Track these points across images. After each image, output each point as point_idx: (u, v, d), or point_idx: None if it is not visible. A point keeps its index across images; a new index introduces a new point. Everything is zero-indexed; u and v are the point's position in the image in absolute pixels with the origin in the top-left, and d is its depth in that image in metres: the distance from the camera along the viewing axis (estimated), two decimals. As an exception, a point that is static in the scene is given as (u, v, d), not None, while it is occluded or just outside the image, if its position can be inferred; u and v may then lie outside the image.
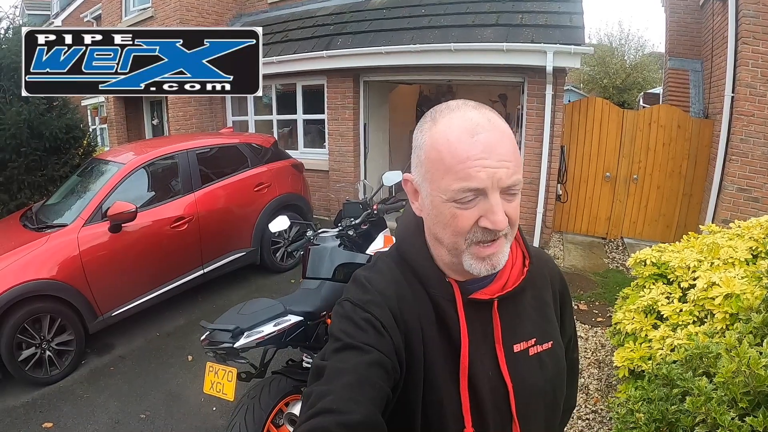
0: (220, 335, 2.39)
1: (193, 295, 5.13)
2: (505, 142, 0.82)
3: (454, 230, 0.84)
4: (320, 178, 8.34)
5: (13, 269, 3.68)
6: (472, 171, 0.79)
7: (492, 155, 0.79)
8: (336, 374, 0.79)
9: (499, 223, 0.81)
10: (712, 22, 7.00)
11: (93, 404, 3.58)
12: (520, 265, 0.99)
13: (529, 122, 6.45)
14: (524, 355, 0.95)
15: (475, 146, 0.79)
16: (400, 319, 0.89)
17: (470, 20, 6.85)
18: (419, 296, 0.92)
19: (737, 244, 2.93)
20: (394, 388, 0.84)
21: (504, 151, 0.80)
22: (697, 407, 1.49)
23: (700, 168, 6.54)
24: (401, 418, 0.88)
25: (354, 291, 0.94)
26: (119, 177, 4.43)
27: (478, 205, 0.81)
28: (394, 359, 0.84)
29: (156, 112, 11.11)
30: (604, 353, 4.05)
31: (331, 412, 0.74)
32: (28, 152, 6.15)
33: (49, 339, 3.82)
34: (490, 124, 0.82)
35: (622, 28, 32.51)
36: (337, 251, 2.96)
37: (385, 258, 1.01)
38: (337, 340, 0.85)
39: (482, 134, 0.80)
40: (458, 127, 0.82)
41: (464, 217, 0.82)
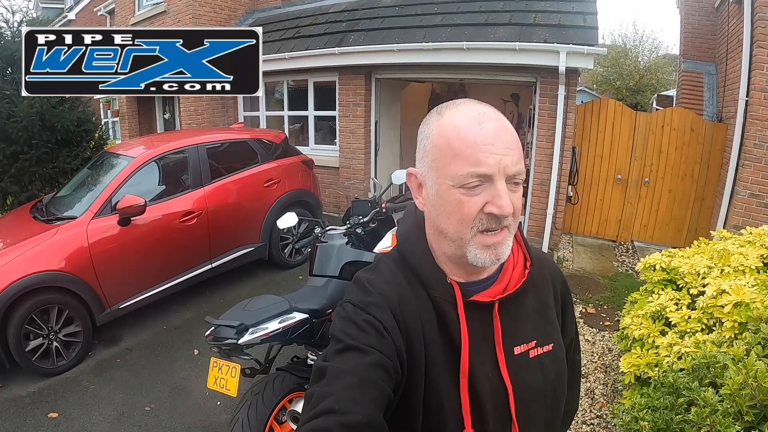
0: (225, 331, 2.39)
1: (201, 290, 5.16)
2: (510, 132, 0.85)
3: (460, 217, 0.85)
4: (330, 175, 8.34)
5: (23, 260, 3.72)
6: (480, 156, 0.81)
7: (498, 142, 0.82)
8: (337, 375, 0.80)
9: (506, 208, 0.82)
10: (727, 25, 6.91)
11: (98, 395, 3.62)
12: (522, 267, 1.00)
13: (541, 123, 6.40)
14: (524, 357, 0.95)
15: (483, 132, 0.82)
16: (401, 320, 0.89)
17: (483, 19, 6.81)
18: (420, 298, 0.93)
19: (748, 252, 2.89)
20: (395, 390, 0.85)
21: (509, 140, 0.84)
22: (703, 419, 1.47)
23: (713, 172, 6.46)
24: (402, 419, 0.88)
25: (355, 292, 0.94)
26: (129, 171, 4.46)
27: (484, 191, 0.83)
28: (395, 360, 0.85)
29: (168, 106, 11.16)
30: (611, 357, 4.01)
31: (333, 412, 0.74)
32: (40, 144, 6.20)
33: (56, 330, 3.86)
34: (495, 115, 0.86)
35: (636, 29, 32.12)
36: (345, 249, 2.96)
37: (386, 259, 1.01)
38: (339, 342, 0.86)
39: (489, 122, 0.84)
40: (466, 116, 0.85)
41: (470, 203, 0.84)
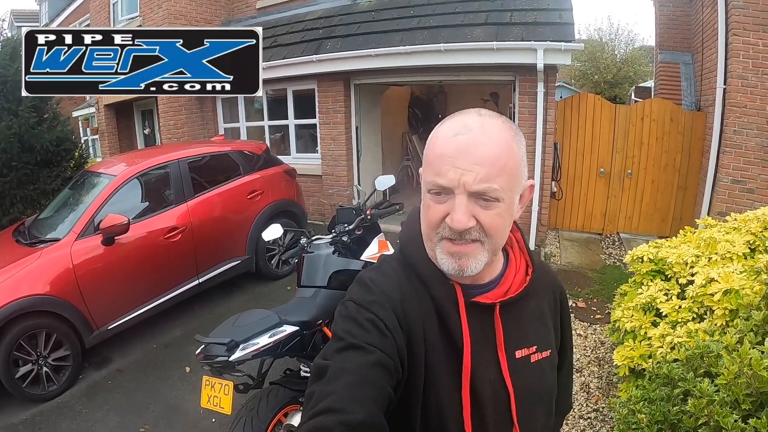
0: (216, 349, 2.36)
1: (189, 306, 5.09)
2: (489, 148, 0.82)
3: (427, 221, 0.88)
4: (313, 183, 8.30)
5: (7, 286, 3.65)
6: (442, 168, 0.82)
7: (465, 157, 0.81)
8: (338, 374, 0.80)
9: (455, 222, 0.82)
10: (701, 15, 7.01)
11: (92, 419, 3.55)
12: (523, 274, 1.00)
13: (522, 120, 6.43)
14: (526, 361, 0.96)
15: (452, 145, 0.83)
16: (403, 320, 0.89)
17: (460, 20, 6.84)
18: (422, 298, 0.93)
19: (735, 239, 2.92)
20: (396, 389, 0.85)
21: (481, 156, 0.81)
22: (700, 409, 1.47)
23: (694, 161, 6.54)
24: (400, 419, 0.88)
25: (358, 291, 0.94)
26: (111, 189, 4.39)
27: (448, 202, 0.84)
28: (396, 360, 0.85)
29: (147, 121, 11.07)
30: (603, 350, 4.03)
31: (334, 411, 0.74)
32: (20, 166, 6.08)
33: (45, 355, 3.79)
34: (481, 129, 0.83)
35: (612, 22, 32.69)
36: (332, 258, 2.94)
37: (389, 260, 1.02)
38: (340, 340, 0.86)
39: (464, 136, 0.82)
40: (449, 127, 0.85)
41: (435, 210, 0.86)
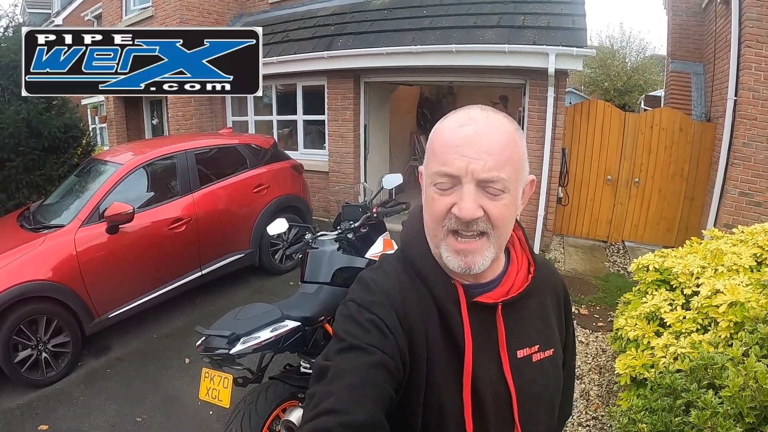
0: (216, 341, 2.35)
1: (191, 297, 5.09)
2: (494, 138, 0.83)
3: (432, 214, 0.87)
4: (320, 180, 8.31)
5: (10, 270, 3.65)
6: (449, 157, 0.83)
7: (472, 146, 0.82)
8: (339, 375, 0.80)
9: (463, 211, 0.82)
10: (714, 25, 6.97)
11: (89, 406, 3.55)
12: (525, 272, 1.00)
13: (531, 124, 6.42)
14: (528, 361, 0.95)
15: (458, 135, 0.84)
16: (405, 320, 0.89)
17: (472, 21, 6.83)
18: (423, 297, 0.92)
19: (741, 251, 2.90)
20: (397, 390, 0.84)
21: (487, 145, 0.82)
22: (703, 421, 1.46)
23: (702, 171, 6.50)
24: (401, 419, 0.87)
25: (359, 292, 0.94)
26: (117, 177, 4.39)
27: (455, 193, 0.84)
28: (397, 361, 0.84)
29: (156, 111, 11.09)
30: (605, 358, 4.01)
31: (335, 412, 0.74)
32: (27, 151, 6.12)
33: (45, 340, 3.79)
34: (485, 121, 0.85)
35: (624, 30, 32.49)
36: (336, 255, 2.93)
37: (390, 259, 1.01)
38: (341, 341, 0.85)
39: (470, 127, 0.84)
40: (454, 119, 0.87)
41: (440, 202, 0.85)
